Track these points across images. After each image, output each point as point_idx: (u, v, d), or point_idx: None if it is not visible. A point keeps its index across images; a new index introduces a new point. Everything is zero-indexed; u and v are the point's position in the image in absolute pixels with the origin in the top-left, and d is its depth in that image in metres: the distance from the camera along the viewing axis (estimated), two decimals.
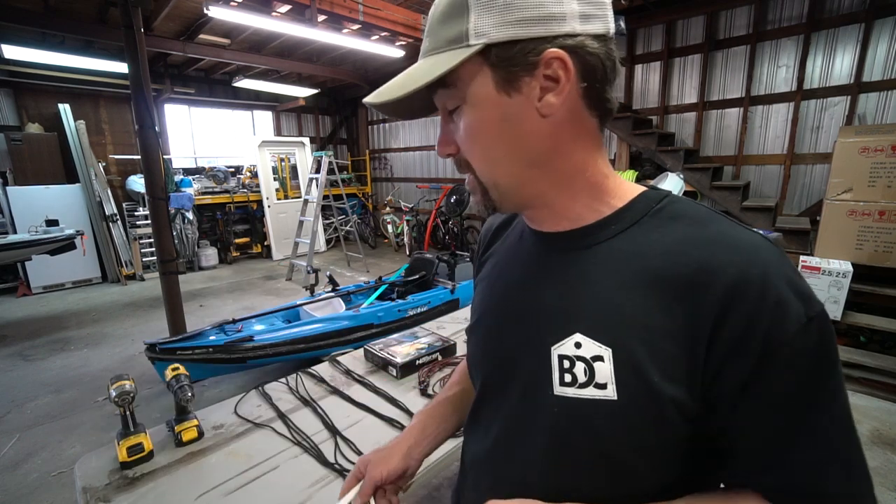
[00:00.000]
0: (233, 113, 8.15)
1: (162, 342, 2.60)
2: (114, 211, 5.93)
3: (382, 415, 1.24)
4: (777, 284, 0.40)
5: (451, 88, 0.46)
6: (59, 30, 4.74)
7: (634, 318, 0.44)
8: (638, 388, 0.43)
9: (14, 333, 4.19)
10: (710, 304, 0.41)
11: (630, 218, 0.48)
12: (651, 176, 4.77)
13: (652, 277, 0.44)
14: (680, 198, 0.49)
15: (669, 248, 0.45)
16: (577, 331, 0.47)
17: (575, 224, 0.51)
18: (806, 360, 0.40)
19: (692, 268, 0.42)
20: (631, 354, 0.44)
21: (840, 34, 3.92)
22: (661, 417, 0.43)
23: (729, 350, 0.40)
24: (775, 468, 0.42)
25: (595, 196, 0.50)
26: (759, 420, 0.41)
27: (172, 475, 1.02)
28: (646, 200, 0.49)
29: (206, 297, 5.32)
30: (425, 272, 4.06)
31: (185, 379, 1.18)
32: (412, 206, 7.65)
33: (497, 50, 0.43)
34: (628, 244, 0.47)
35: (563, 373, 0.47)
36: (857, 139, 2.96)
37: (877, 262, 2.94)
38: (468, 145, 0.48)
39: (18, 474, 2.26)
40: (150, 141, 3.20)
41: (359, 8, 4.31)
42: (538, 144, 0.46)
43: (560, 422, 0.47)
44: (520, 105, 0.44)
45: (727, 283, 0.40)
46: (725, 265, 0.41)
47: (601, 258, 0.48)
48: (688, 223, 0.46)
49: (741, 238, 0.43)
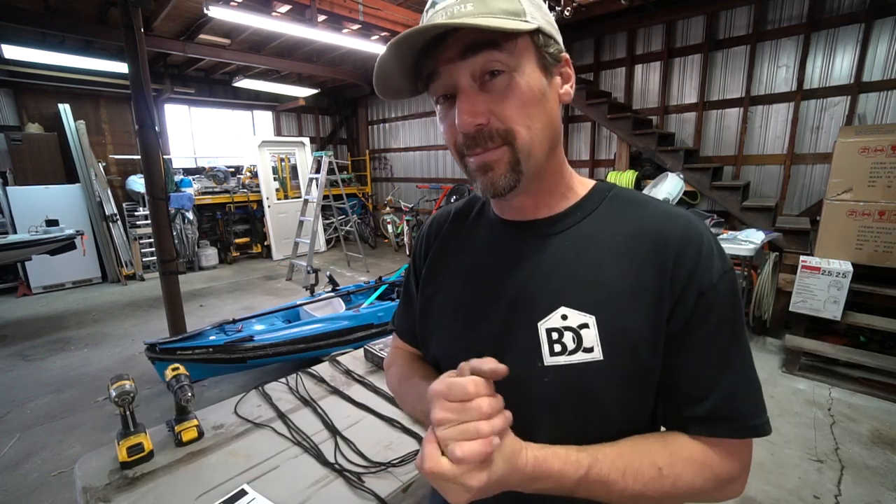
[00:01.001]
0: (233, 113, 8.14)
1: (162, 342, 2.60)
2: (114, 211, 5.93)
3: (382, 415, 1.24)
4: (705, 245, 0.51)
5: (504, 52, 0.47)
6: (59, 30, 4.73)
7: (610, 286, 0.52)
8: (621, 346, 0.50)
9: (14, 333, 4.19)
10: (667, 262, 0.51)
11: (590, 205, 0.58)
12: (651, 176, 4.77)
13: (620, 250, 0.53)
14: (621, 187, 0.60)
15: (629, 227, 0.54)
16: (562, 304, 0.53)
17: (548, 212, 0.58)
18: (724, 303, 0.50)
19: (650, 238, 0.52)
20: (613, 318, 0.51)
21: (840, 34, 3.92)
22: (641, 369, 0.51)
23: (679, 295, 0.50)
24: (703, 397, 0.50)
25: (567, 186, 0.59)
26: (692, 351, 0.50)
27: (172, 475, 1.02)
28: (599, 190, 0.59)
29: (206, 297, 5.32)
30: None
31: (185, 379, 1.18)
32: (412, 206, 7.65)
33: (543, 37, 0.50)
34: (595, 226, 0.56)
35: (552, 344, 0.52)
36: (857, 139, 2.96)
37: (877, 262, 2.94)
38: (517, 112, 0.49)
39: (18, 474, 2.26)
40: (150, 141, 3.20)
41: (359, 8, 4.31)
42: (558, 128, 0.54)
43: (553, 388, 0.52)
44: (551, 88, 0.52)
45: (677, 245, 0.51)
46: (671, 231, 0.52)
47: (572, 240, 0.56)
48: (634, 205, 0.56)
49: (677, 213, 0.55)
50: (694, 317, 0.50)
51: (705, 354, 0.50)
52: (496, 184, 0.51)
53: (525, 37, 0.48)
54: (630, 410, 0.53)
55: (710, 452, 0.50)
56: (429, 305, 0.67)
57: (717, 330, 0.50)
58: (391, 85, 0.53)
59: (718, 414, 0.50)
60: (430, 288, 0.67)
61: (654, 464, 0.49)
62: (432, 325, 0.66)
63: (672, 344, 0.51)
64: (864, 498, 1.95)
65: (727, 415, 0.50)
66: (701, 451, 0.50)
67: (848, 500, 1.95)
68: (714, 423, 0.50)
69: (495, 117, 0.49)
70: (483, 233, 0.64)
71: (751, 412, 0.50)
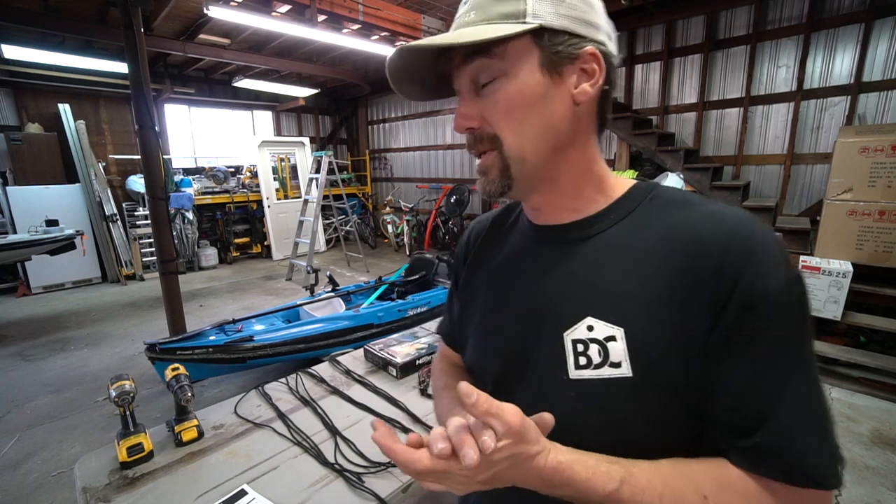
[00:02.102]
0: (233, 113, 8.14)
1: (162, 342, 2.60)
2: (114, 211, 5.93)
3: (382, 415, 1.24)
4: (759, 247, 0.44)
5: (493, 59, 0.48)
6: (59, 30, 4.73)
7: (641, 296, 0.47)
8: (651, 363, 0.45)
9: (14, 333, 4.19)
10: (706, 269, 0.44)
11: (626, 207, 0.53)
12: (651, 176, 4.77)
13: (653, 258, 0.48)
14: (665, 187, 0.54)
15: (667, 231, 0.49)
16: (588, 315, 0.49)
17: (577, 215, 0.54)
18: (784, 318, 0.42)
19: (687, 243, 0.46)
20: (642, 331, 0.46)
21: (840, 34, 3.92)
22: (673, 387, 0.45)
23: (721, 307, 0.43)
24: (750, 430, 0.42)
25: (597, 189, 0.54)
26: (738, 376, 0.43)
27: (172, 475, 1.02)
28: (639, 191, 0.54)
29: (206, 297, 5.32)
30: (425, 272, 4.06)
31: (185, 379, 1.18)
32: (412, 206, 7.65)
33: (549, 35, 0.47)
34: (628, 230, 0.51)
35: (577, 356, 0.49)
36: (857, 139, 2.96)
37: (877, 262, 2.94)
38: (502, 118, 0.49)
39: (18, 474, 2.26)
40: (150, 141, 3.20)
41: (359, 8, 4.31)
42: (565, 129, 0.50)
43: (577, 402, 0.49)
44: (558, 88, 0.48)
45: (718, 249, 0.44)
46: (715, 234, 0.45)
47: (604, 245, 0.52)
48: (678, 207, 0.50)
49: (727, 212, 0.47)
50: (741, 332, 0.43)
51: (756, 378, 0.42)
52: (486, 188, 0.53)
53: (524, 38, 0.47)
54: (664, 435, 0.47)
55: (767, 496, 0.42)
56: (464, 312, 0.68)
57: (773, 350, 0.42)
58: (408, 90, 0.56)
59: (769, 452, 0.41)
60: (466, 294, 0.68)
61: (699, 491, 0.42)
62: (466, 333, 0.66)
63: (714, 362, 0.44)
64: (864, 498, 1.95)
65: (780, 454, 0.41)
66: (757, 492, 0.42)
67: (848, 500, 1.94)
68: (763, 462, 0.42)
69: (486, 122, 0.50)
70: (515, 238, 0.63)
71: (812, 455, 0.41)
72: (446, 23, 5.21)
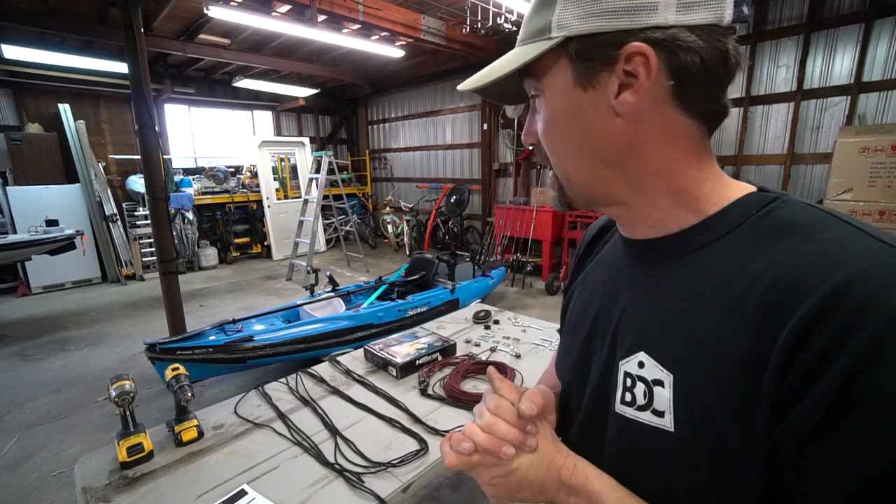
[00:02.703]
0: (233, 113, 8.15)
1: (162, 342, 2.60)
2: (114, 211, 5.93)
3: (382, 415, 1.24)
4: (892, 312, 0.30)
5: (532, 78, 0.46)
6: (59, 30, 4.74)
7: (705, 344, 0.39)
8: (697, 423, 0.38)
9: (14, 333, 4.19)
10: (790, 328, 0.32)
11: (720, 228, 0.42)
12: None
13: (734, 299, 0.38)
14: (794, 201, 0.40)
15: (763, 266, 0.37)
16: (642, 349, 0.44)
17: (656, 232, 0.46)
18: None
19: (781, 287, 0.34)
20: (694, 384, 0.39)
21: (840, 34, 3.92)
22: (721, 458, 0.37)
23: (795, 388, 0.32)
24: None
25: (680, 202, 0.44)
26: (811, 493, 0.33)
27: (172, 475, 1.02)
28: (744, 206, 0.42)
29: (206, 297, 5.32)
30: (425, 272, 4.06)
31: (185, 379, 1.18)
32: (412, 206, 7.65)
33: (577, 43, 0.41)
34: (714, 258, 0.41)
35: (625, 391, 0.45)
36: (857, 139, 2.96)
37: None
38: (544, 138, 0.48)
39: (18, 474, 2.26)
40: (150, 141, 3.20)
41: (359, 8, 4.31)
42: (612, 143, 0.43)
43: (617, 440, 0.46)
44: (594, 101, 0.42)
45: (816, 302, 0.32)
46: (822, 281, 0.32)
47: (680, 273, 0.44)
48: (792, 232, 0.37)
49: (859, 248, 0.34)
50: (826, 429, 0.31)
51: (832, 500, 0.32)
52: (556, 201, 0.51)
53: (551, 55, 0.43)
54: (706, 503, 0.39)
55: None
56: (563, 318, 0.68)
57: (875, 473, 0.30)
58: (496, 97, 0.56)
59: None
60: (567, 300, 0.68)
61: None
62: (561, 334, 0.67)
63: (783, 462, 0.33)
64: None
65: None
66: None
67: None
68: None
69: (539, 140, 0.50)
70: (610, 248, 0.60)
71: None
72: (446, 23, 5.21)
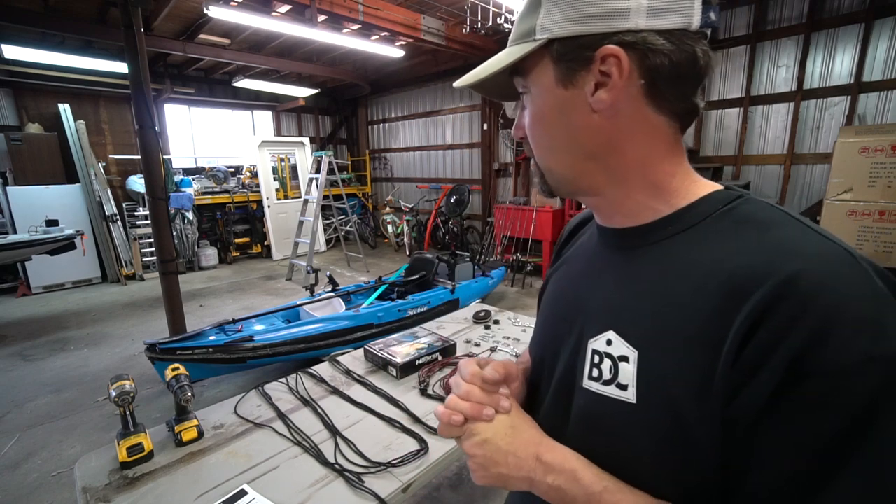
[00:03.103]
0: (233, 113, 8.15)
1: (162, 342, 2.60)
2: (114, 211, 5.93)
3: (382, 415, 1.24)
4: (833, 300, 0.33)
5: (522, 77, 0.50)
6: (59, 30, 4.74)
7: (669, 324, 0.43)
8: (658, 397, 0.42)
9: (14, 333, 4.19)
10: (746, 313, 0.36)
11: (690, 219, 0.46)
12: None
13: (698, 282, 0.42)
14: (754, 200, 0.45)
15: (725, 255, 0.41)
16: (611, 328, 0.48)
17: (631, 221, 0.50)
18: (848, 407, 0.32)
19: (739, 275, 0.38)
20: (657, 361, 0.43)
21: (840, 34, 3.92)
22: (677, 429, 0.40)
23: (750, 365, 0.36)
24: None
25: (654, 195, 0.48)
26: (768, 459, 0.36)
27: (172, 475, 1.02)
28: (712, 201, 0.46)
29: (206, 297, 5.32)
30: (425, 272, 4.06)
31: (185, 379, 1.18)
32: (412, 206, 7.65)
33: (559, 45, 0.45)
34: (682, 247, 0.45)
35: (592, 367, 0.49)
36: (857, 139, 2.96)
37: (877, 262, 2.93)
38: (529, 132, 0.52)
39: (18, 474, 2.26)
40: (150, 141, 3.20)
41: (359, 8, 4.31)
42: (591, 137, 0.47)
43: (582, 413, 0.50)
44: (574, 98, 0.46)
45: (769, 290, 0.35)
46: (775, 271, 0.36)
47: (651, 259, 0.48)
48: (753, 227, 0.42)
49: (808, 244, 0.38)
50: (777, 407, 0.34)
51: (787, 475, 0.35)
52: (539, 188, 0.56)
53: (539, 53, 0.46)
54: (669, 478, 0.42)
55: None
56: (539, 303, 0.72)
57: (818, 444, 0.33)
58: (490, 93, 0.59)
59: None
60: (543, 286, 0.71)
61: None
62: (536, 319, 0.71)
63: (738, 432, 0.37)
64: None
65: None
66: None
67: None
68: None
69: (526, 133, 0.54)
70: (587, 238, 0.64)
71: None
72: (446, 23, 5.21)
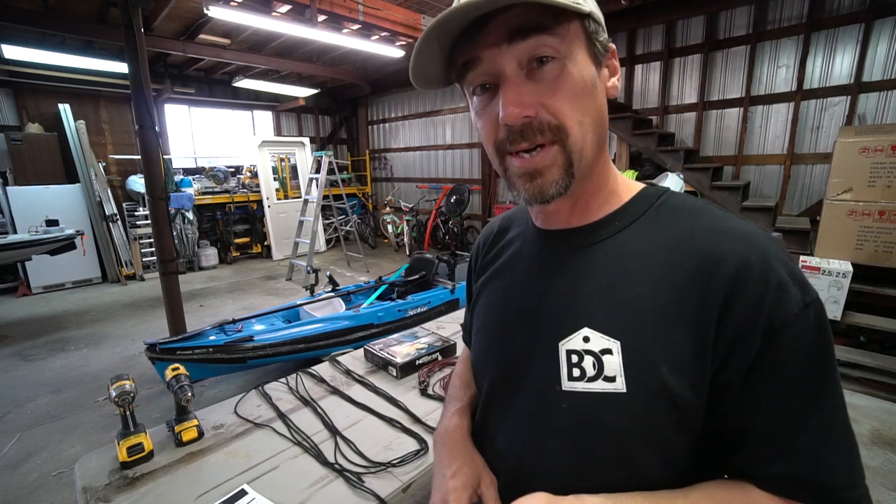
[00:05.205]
0: (233, 113, 8.14)
1: (162, 342, 2.59)
2: (114, 211, 5.92)
3: (382, 415, 1.24)
4: (777, 269, 0.42)
5: (556, 37, 0.42)
6: (59, 30, 4.73)
7: (642, 310, 0.45)
8: (647, 380, 0.43)
9: (14, 333, 4.19)
10: (717, 290, 0.42)
11: (633, 213, 0.50)
12: (651, 176, 4.77)
13: (658, 270, 0.45)
14: (676, 193, 0.51)
15: (673, 241, 0.46)
16: (585, 325, 0.47)
17: (585, 220, 0.52)
18: (806, 344, 0.41)
19: (697, 258, 0.44)
20: (640, 346, 0.44)
21: (840, 34, 3.92)
22: (671, 408, 0.43)
23: (736, 332, 0.41)
24: (776, 457, 0.42)
25: (612, 190, 0.52)
26: (762, 403, 0.42)
27: (172, 475, 1.02)
28: (646, 196, 0.51)
29: (206, 297, 5.32)
30: (425, 272, 4.06)
31: (185, 379, 1.18)
32: (412, 206, 7.64)
33: (594, 23, 0.45)
34: (632, 239, 0.49)
35: (571, 367, 0.47)
36: (857, 139, 2.96)
37: (877, 262, 2.94)
38: (568, 105, 0.43)
39: (18, 474, 2.26)
40: (150, 141, 3.20)
41: (359, 8, 4.31)
42: (606, 124, 0.48)
43: (570, 418, 0.47)
44: (600, 80, 0.47)
45: (732, 269, 0.42)
46: (728, 253, 0.43)
47: (606, 253, 0.49)
48: (687, 216, 0.48)
49: (739, 228, 0.45)
50: (761, 362, 0.41)
51: (779, 407, 0.41)
52: (545, 191, 0.46)
53: (576, 21, 0.44)
54: (664, 457, 0.45)
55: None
56: (473, 317, 0.67)
57: (795, 377, 0.41)
58: (426, 73, 0.48)
59: (800, 478, 0.41)
60: (474, 299, 0.68)
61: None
62: (474, 337, 0.66)
63: (731, 393, 0.42)
64: None
65: (807, 481, 0.41)
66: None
67: None
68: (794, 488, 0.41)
69: (545, 110, 0.43)
70: (520, 243, 0.61)
71: (840, 482, 0.40)
72: None
